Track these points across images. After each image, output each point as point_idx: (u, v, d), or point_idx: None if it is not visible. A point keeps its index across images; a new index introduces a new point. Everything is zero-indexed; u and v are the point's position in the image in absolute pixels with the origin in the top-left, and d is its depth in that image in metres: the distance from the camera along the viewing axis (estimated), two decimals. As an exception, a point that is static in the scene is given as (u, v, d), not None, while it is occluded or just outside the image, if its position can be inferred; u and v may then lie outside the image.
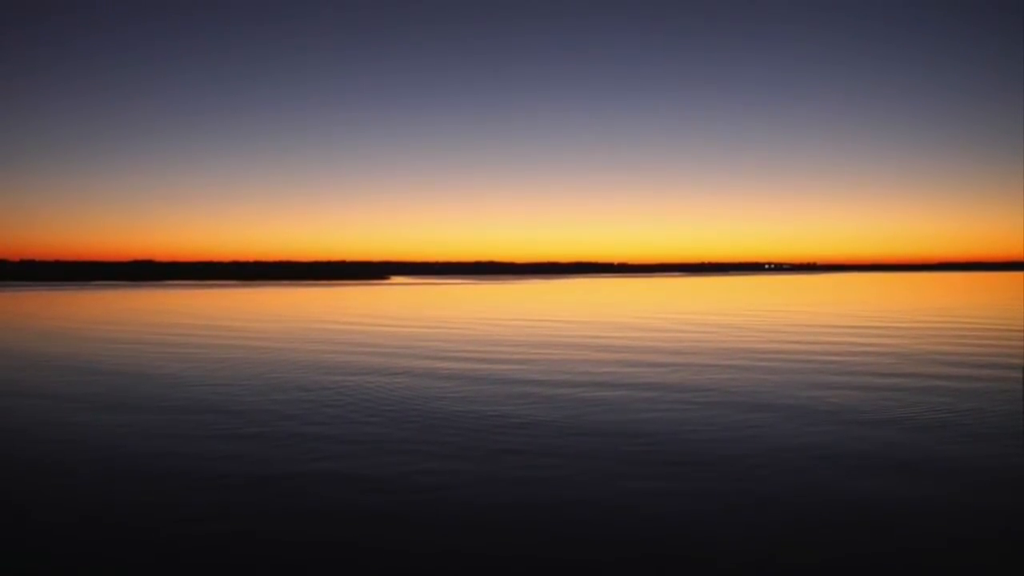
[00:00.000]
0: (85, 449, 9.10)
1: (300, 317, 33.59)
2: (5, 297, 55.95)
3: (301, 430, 10.12)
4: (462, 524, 6.47)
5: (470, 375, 15.23)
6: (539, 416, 11.01)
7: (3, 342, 22.42)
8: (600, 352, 19.31)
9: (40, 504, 7.03)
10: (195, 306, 43.52)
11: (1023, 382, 14.04)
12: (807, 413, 11.17)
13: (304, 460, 8.56)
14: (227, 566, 5.61)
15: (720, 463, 8.38)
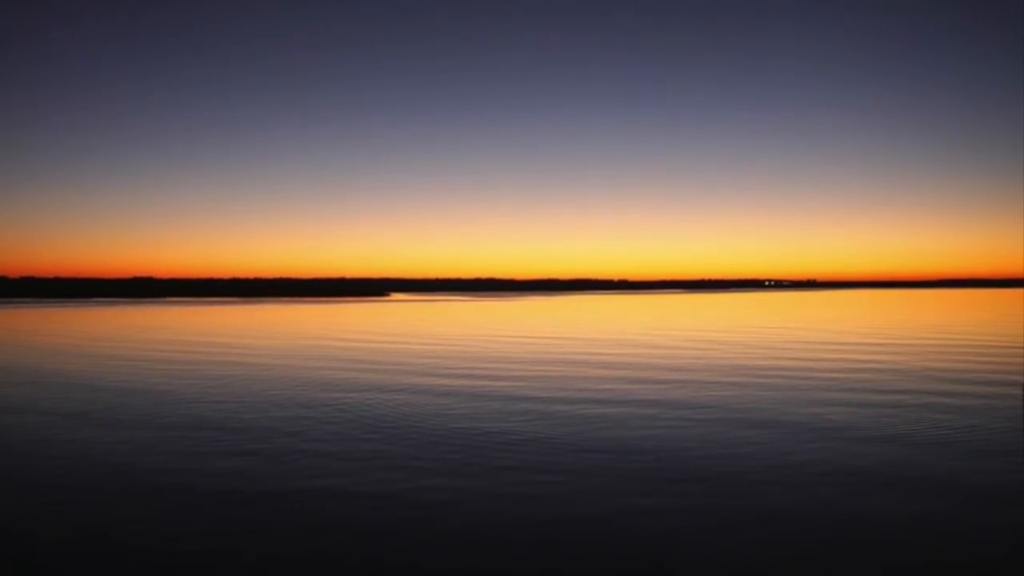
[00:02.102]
0: (84, 466, 9.09)
1: (299, 334, 33.59)
2: (5, 314, 55.95)
3: (301, 447, 10.11)
4: (462, 541, 6.47)
5: (469, 392, 15.23)
6: (539, 433, 11.00)
7: (3, 359, 22.41)
8: (600, 369, 19.30)
9: (39, 521, 7.02)
10: (194, 323, 43.51)
11: None
12: (807, 430, 11.17)
13: (304, 477, 8.55)
14: (226, 583, 5.59)
15: (720, 480, 8.37)
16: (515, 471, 8.77)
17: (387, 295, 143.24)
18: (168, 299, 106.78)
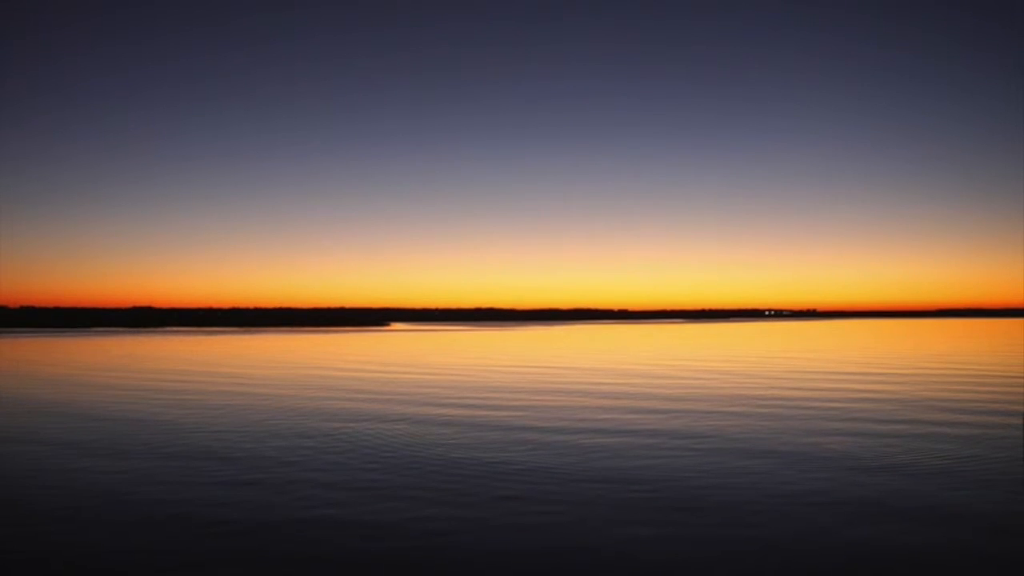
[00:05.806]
0: (84, 496, 9.07)
1: (299, 364, 33.55)
2: (5, 343, 55.89)
3: (300, 476, 10.09)
4: (461, 571, 6.44)
5: (469, 422, 15.21)
6: (538, 463, 10.98)
7: (3, 388, 22.38)
8: (600, 399, 19.27)
9: (38, 551, 7.00)
10: (194, 353, 43.46)
11: None
12: (807, 459, 11.14)
13: (303, 506, 8.53)
14: (224, 614, 5.57)
15: (720, 509, 8.35)
16: (514, 501, 8.75)
17: (387, 325, 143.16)
18: (168, 329, 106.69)
